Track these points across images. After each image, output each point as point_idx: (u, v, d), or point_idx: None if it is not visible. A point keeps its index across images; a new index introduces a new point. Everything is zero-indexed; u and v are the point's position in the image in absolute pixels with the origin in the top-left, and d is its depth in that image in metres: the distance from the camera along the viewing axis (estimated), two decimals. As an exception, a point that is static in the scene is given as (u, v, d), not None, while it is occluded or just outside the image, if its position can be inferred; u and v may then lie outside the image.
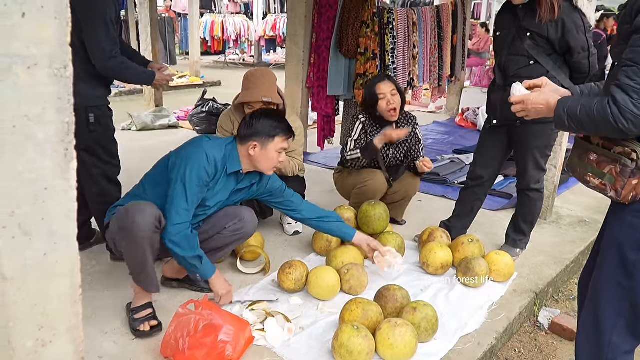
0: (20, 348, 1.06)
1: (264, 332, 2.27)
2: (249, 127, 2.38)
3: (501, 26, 2.90)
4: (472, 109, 7.35)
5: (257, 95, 3.07)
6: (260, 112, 2.46)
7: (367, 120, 3.40)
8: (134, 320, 2.31)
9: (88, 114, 2.66)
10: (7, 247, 1.00)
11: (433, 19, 5.70)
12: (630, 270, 1.59)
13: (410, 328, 2.17)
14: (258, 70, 3.24)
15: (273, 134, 2.38)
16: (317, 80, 4.85)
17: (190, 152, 2.32)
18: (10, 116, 0.97)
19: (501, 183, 4.56)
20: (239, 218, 2.56)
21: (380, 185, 3.36)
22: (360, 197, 3.32)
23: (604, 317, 1.69)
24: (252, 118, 2.40)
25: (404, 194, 3.52)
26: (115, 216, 2.28)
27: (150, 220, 2.17)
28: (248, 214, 2.60)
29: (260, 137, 2.37)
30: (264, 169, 2.47)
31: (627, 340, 1.68)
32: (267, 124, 2.38)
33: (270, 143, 2.39)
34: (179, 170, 2.27)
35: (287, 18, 4.83)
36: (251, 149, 2.38)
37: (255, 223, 2.65)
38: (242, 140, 2.41)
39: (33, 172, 1.02)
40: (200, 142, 2.37)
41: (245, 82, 3.11)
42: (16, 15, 0.95)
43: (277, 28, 15.58)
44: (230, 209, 2.58)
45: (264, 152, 2.39)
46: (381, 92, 3.30)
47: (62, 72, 1.02)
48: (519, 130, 2.91)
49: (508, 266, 2.90)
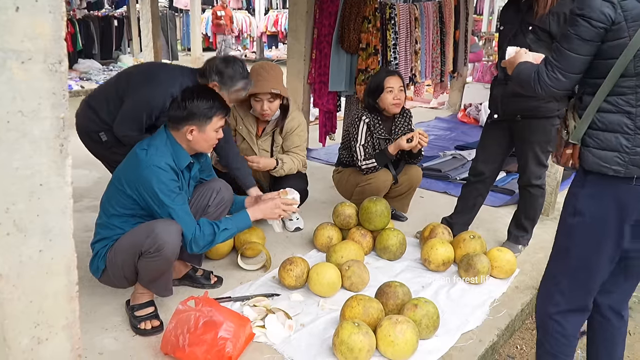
0: (16, 346, 1.06)
1: (265, 329, 2.26)
2: (182, 109, 2.22)
3: (505, 21, 2.90)
4: (475, 105, 7.32)
5: (266, 87, 3.07)
6: (191, 91, 2.28)
7: (370, 120, 3.38)
8: (135, 317, 2.30)
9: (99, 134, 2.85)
10: (2, 244, 1.00)
11: (435, 14, 5.67)
12: (568, 233, 1.81)
13: (411, 325, 2.16)
14: (266, 64, 3.25)
15: (210, 114, 2.25)
16: (319, 76, 4.83)
17: (145, 177, 2.17)
18: (4, 112, 0.96)
19: (503, 179, 4.55)
20: (214, 190, 2.54)
21: (383, 183, 3.35)
22: (364, 195, 3.31)
23: (551, 277, 1.94)
24: (184, 100, 2.23)
25: (409, 185, 3.51)
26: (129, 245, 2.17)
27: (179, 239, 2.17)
28: (218, 183, 2.58)
29: (196, 120, 2.23)
30: (204, 149, 2.36)
31: (568, 299, 1.87)
32: (202, 105, 2.23)
33: (208, 124, 2.26)
34: (152, 198, 2.17)
35: (289, 14, 4.81)
36: (188, 133, 2.25)
37: (229, 186, 2.63)
38: (176, 126, 2.26)
39: (28, 168, 1.01)
40: (144, 162, 2.18)
41: (254, 74, 3.10)
42: (10, 10, 0.94)
43: (278, 24, 15.55)
44: (200, 188, 2.55)
45: (202, 134, 2.27)
46: (390, 85, 3.31)
47: (57, 67, 1.01)
48: (519, 125, 2.90)
49: (510, 263, 2.88)
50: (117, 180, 2.28)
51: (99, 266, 2.28)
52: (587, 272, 1.82)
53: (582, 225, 1.76)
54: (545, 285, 1.97)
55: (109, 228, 2.28)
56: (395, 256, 3.05)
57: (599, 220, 1.73)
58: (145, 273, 2.21)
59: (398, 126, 3.46)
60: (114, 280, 2.30)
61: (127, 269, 2.21)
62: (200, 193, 2.53)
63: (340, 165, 3.63)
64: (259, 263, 2.94)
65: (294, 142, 3.31)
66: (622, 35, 1.56)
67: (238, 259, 2.89)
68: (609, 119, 1.64)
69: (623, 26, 1.55)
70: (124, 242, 2.19)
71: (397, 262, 3.05)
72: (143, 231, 2.14)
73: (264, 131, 3.32)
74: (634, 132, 1.62)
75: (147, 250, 2.11)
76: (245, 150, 3.31)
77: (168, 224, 2.16)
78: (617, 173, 1.64)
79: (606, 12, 1.56)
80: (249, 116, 3.30)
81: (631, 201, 1.66)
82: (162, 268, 2.21)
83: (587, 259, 1.80)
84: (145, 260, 2.14)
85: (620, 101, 1.62)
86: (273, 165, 3.19)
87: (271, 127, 3.31)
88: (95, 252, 2.31)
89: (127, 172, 2.25)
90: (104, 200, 2.34)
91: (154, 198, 2.18)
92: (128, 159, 2.29)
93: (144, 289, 2.33)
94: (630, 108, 1.61)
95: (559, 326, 1.91)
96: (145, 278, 2.25)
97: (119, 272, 2.24)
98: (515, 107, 2.85)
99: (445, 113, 7.97)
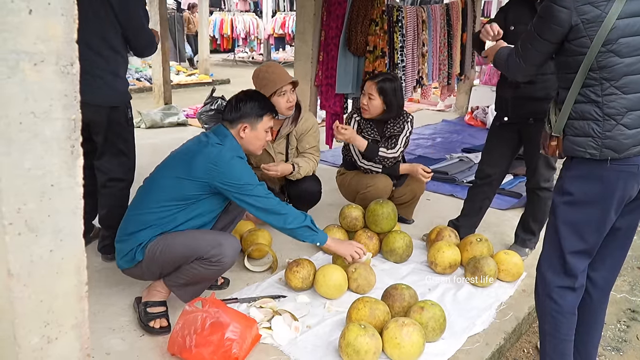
0: (26, 345, 1.06)
1: (271, 330, 2.27)
2: (237, 110, 2.43)
3: (517, 21, 2.85)
4: (482, 108, 7.31)
5: (286, 78, 3.10)
6: (245, 94, 2.50)
7: (360, 119, 3.40)
8: (146, 313, 2.31)
9: (127, 109, 2.76)
10: (14, 244, 1.01)
11: (442, 17, 5.66)
12: (558, 212, 1.97)
13: (417, 327, 2.16)
14: (268, 64, 3.29)
15: (261, 113, 2.45)
16: (326, 78, 4.83)
17: (231, 167, 2.28)
18: (17, 113, 0.97)
19: (510, 182, 4.53)
20: None
21: (383, 190, 3.34)
22: (366, 202, 3.30)
23: (543, 257, 2.08)
24: (238, 101, 2.45)
25: (412, 194, 3.50)
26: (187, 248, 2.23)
27: (237, 254, 2.33)
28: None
29: (249, 118, 2.43)
30: (255, 149, 2.52)
31: (560, 276, 2.01)
32: (254, 105, 2.44)
33: (259, 123, 2.46)
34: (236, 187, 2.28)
35: (296, 16, 4.81)
36: (242, 131, 2.43)
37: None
38: (231, 125, 2.44)
39: (40, 169, 1.02)
40: (226, 153, 2.31)
41: (265, 75, 3.13)
42: (23, 12, 0.95)
43: (286, 26, 15.57)
44: None
45: (254, 132, 2.46)
46: (364, 88, 3.33)
47: (69, 68, 1.02)
48: (530, 128, 2.88)
49: (517, 266, 2.87)
50: (171, 170, 2.33)
51: (137, 257, 2.27)
52: (576, 249, 1.96)
53: (571, 203, 1.94)
54: (539, 266, 2.12)
55: (153, 217, 2.27)
56: (402, 259, 3.04)
57: (586, 197, 1.90)
58: (191, 276, 2.25)
59: (389, 129, 3.39)
60: (146, 273, 2.33)
61: (169, 266, 2.26)
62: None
63: (343, 165, 3.63)
64: (265, 265, 2.94)
65: (310, 142, 3.33)
66: (581, 35, 1.79)
67: (245, 260, 2.90)
68: (581, 109, 1.85)
69: (580, 27, 1.79)
70: (181, 242, 2.22)
71: (404, 265, 3.04)
72: (208, 241, 2.23)
73: (278, 134, 3.32)
74: (602, 118, 1.81)
75: (209, 258, 2.19)
76: (261, 155, 3.31)
77: (233, 239, 2.32)
78: (593, 156, 1.84)
79: (562, 17, 1.81)
80: None
81: (612, 179, 1.84)
82: (211, 277, 2.32)
83: (576, 236, 1.95)
84: (202, 266, 2.21)
85: (588, 92, 1.82)
86: (290, 171, 3.21)
87: (285, 129, 3.31)
88: (132, 244, 2.27)
89: (192, 161, 2.28)
90: (147, 195, 2.34)
91: (239, 186, 2.28)
92: (190, 150, 2.35)
93: (164, 288, 2.34)
94: (597, 97, 1.81)
95: (555, 304, 2.03)
96: (181, 281, 2.28)
97: (156, 267, 2.27)
98: (528, 110, 2.84)
99: (452, 116, 7.95)
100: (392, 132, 3.38)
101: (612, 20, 1.73)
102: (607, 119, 1.80)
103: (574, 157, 1.90)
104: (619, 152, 1.80)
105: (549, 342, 2.08)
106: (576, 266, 1.98)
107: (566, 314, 2.03)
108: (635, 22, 1.74)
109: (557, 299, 2.03)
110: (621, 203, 1.88)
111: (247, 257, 2.91)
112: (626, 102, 1.78)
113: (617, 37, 1.74)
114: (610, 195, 1.85)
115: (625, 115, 1.78)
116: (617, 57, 1.75)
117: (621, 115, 1.78)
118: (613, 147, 1.80)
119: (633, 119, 1.79)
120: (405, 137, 3.39)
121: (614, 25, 1.73)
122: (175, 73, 11.03)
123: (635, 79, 1.77)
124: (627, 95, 1.77)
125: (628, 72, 1.76)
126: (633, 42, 1.75)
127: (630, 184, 1.85)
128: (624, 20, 1.74)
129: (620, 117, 1.78)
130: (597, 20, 1.76)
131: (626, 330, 2.84)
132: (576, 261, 1.97)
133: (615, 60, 1.76)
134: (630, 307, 3.06)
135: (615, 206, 1.87)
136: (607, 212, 1.88)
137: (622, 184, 1.84)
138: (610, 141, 1.80)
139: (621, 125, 1.79)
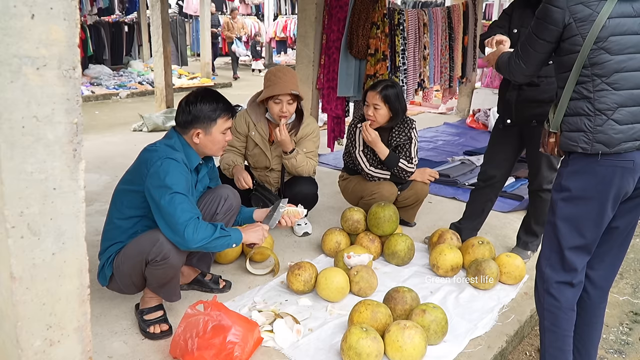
0: (28, 347, 1.07)
1: (273, 333, 2.27)
2: (187, 113, 2.25)
3: (520, 23, 2.86)
4: (483, 110, 7.31)
5: (286, 88, 3.07)
6: (195, 95, 2.29)
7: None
8: (144, 321, 2.31)
9: None
10: (16, 247, 1.01)
11: (444, 20, 5.67)
12: (556, 209, 2.01)
13: (419, 330, 2.15)
14: (282, 67, 3.27)
15: (214, 116, 2.27)
16: (327, 81, 4.84)
17: (157, 167, 2.13)
18: (19, 116, 0.98)
19: (512, 185, 4.53)
20: (222, 197, 2.50)
21: (388, 197, 3.32)
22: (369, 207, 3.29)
23: (542, 253, 2.11)
24: (188, 104, 2.26)
25: (415, 198, 3.50)
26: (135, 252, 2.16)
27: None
28: (226, 190, 2.54)
29: (201, 123, 2.26)
30: (214, 153, 2.38)
31: (558, 272, 2.04)
32: (205, 108, 2.25)
33: (213, 126, 2.28)
34: (158, 188, 2.10)
35: (298, 19, 4.83)
36: (194, 136, 2.27)
37: (237, 193, 2.60)
38: (183, 130, 2.29)
39: (42, 172, 1.02)
40: (157, 155, 2.17)
41: (272, 77, 3.12)
42: (26, 17, 0.95)
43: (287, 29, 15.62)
44: (208, 195, 2.51)
45: (209, 137, 2.29)
46: (367, 100, 3.30)
47: (71, 73, 1.02)
48: (534, 130, 2.88)
49: (519, 268, 2.87)
50: (125, 183, 2.29)
51: (107, 273, 2.27)
52: (575, 244, 1.99)
53: (568, 199, 1.97)
54: (538, 263, 2.14)
55: (118, 231, 2.27)
56: (404, 261, 3.04)
57: (582, 192, 1.93)
58: (153, 280, 2.23)
59: (394, 137, 3.38)
60: (122, 287, 2.30)
61: (135, 276, 2.22)
62: (208, 200, 2.50)
63: (345, 170, 3.62)
64: (267, 268, 2.95)
65: (308, 147, 3.30)
66: (574, 34, 1.87)
67: (246, 263, 2.90)
68: (575, 105, 1.91)
69: (573, 26, 1.87)
70: (131, 250, 2.19)
71: (406, 268, 3.04)
72: (148, 239, 2.14)
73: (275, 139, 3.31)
74: (594, 113, 1.86)
75: (154, 259, 2.12)
76: (258, 156, 3.31)
77: None
78: (585, 150, 1.89)
79: (556, 17, 1.90)
80: (261, 122, 3.30)
81: (607, 174, 1.88)
82: (169, 275, 2.22)
83: (575, 231, 1.98)
84: (152, 268, 2.15)
85: (581, 89, 1.88)
86: (291, 148, 3.18)
87: None
88: (103, 260, 2.29)
89: (137, 170, 2.23)
90: (111, 209, 2.32)
91: (160, 187, 2.09)
92: (137, 160, 2.29)
93: (153, 294, 2.34)
94: (589, 94, 1.87)
95: (553, 299, 2.06)
96: (153, 284, 2.26)
97: (126, 279, 2.24)
98: (532, 112, 2.84)
99: (453, 118, 7.95)
100: (399, 140, 3.38)
101: (603, 19, 1.80)
102: (598, 114, 1.86)
103: (570, 153, 1.96)
104: (610, 146, 1.85)
105: (548, 337, 2.10)
106: (575, 262, 2.01)
107: (565, 310, 2.06)
108: (624, 22, 1.81)
109: (556, 295, 2.05)
110: (617, 199, 1.91)
111: (249, 261, 2.91)
112: (617, 98, 1.83)
113: (608, 35, 1.81)
114: (606, 190, 1.89)
115: (616, 110, 1.84)
116: (607, 54, 1.82)
117: (612, 110, 1.84)
118: (604, 141, 1.85)
119: (624, 115, 1.84)
120: (415, 147, 3.41)
121: (605, 24, 1.81)
122: (177, 76, 11.06)
123: (625, 76, 1.83)
124: (617, 91, 1.83)
125: (618, 69, 1.82)
126: (622, 40, 1.81)
127: (626, 180, 1.88)
128: (615, 19, 1.81)
129: (611, 112, 1.84)
130: (588, 19, 1.83)
131: (629, 332, 2.83)
132: (575, 257, 2.00)
133: (606, 57, 1.82)
134: (633, 309, 3.05)
135: (611, 201, 1.91)
136: (604, 207, 1.91)
137: (617, 180, 1.87)
138: (602, 135, 1.85)
139: (612, 121, 1.84)
